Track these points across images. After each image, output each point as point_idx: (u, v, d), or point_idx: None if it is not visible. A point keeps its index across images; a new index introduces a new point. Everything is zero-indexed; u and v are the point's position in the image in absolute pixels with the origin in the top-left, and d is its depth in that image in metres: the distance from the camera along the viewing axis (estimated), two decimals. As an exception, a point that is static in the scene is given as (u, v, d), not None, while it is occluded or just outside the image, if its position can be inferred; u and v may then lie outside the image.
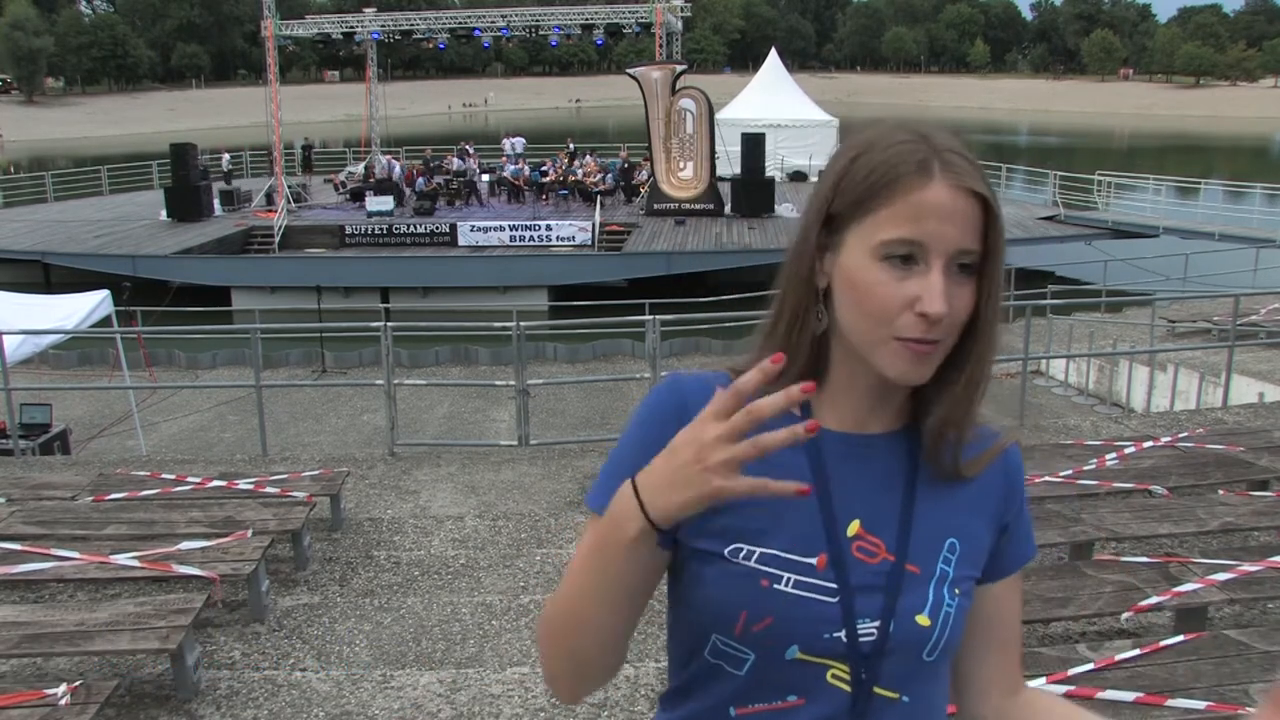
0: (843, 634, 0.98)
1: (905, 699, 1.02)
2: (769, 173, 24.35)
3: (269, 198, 24.94)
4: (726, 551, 0.99)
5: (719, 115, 25.77)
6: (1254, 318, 11.56)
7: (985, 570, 1.09)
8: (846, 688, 1.00)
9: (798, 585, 0.98)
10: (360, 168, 29.09)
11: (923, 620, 1.00)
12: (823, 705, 1.00)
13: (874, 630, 0.99)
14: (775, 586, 0.98)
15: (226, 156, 30.17)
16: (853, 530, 1.01)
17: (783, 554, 0.99)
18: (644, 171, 24.95)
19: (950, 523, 1.05)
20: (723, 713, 1.03)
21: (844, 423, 1.05)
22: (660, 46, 25.18)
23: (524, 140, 31.07)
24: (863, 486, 1.03)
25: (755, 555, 0.99)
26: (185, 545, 4.49)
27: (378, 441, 9.22)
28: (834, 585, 0.99)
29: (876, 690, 1.00)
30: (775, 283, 1.06)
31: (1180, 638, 3.30)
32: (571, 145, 28.55)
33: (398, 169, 27.01)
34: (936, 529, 1.04)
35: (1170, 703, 2.87)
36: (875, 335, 0.97)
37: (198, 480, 5.74)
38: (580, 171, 25.32)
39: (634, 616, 0.99)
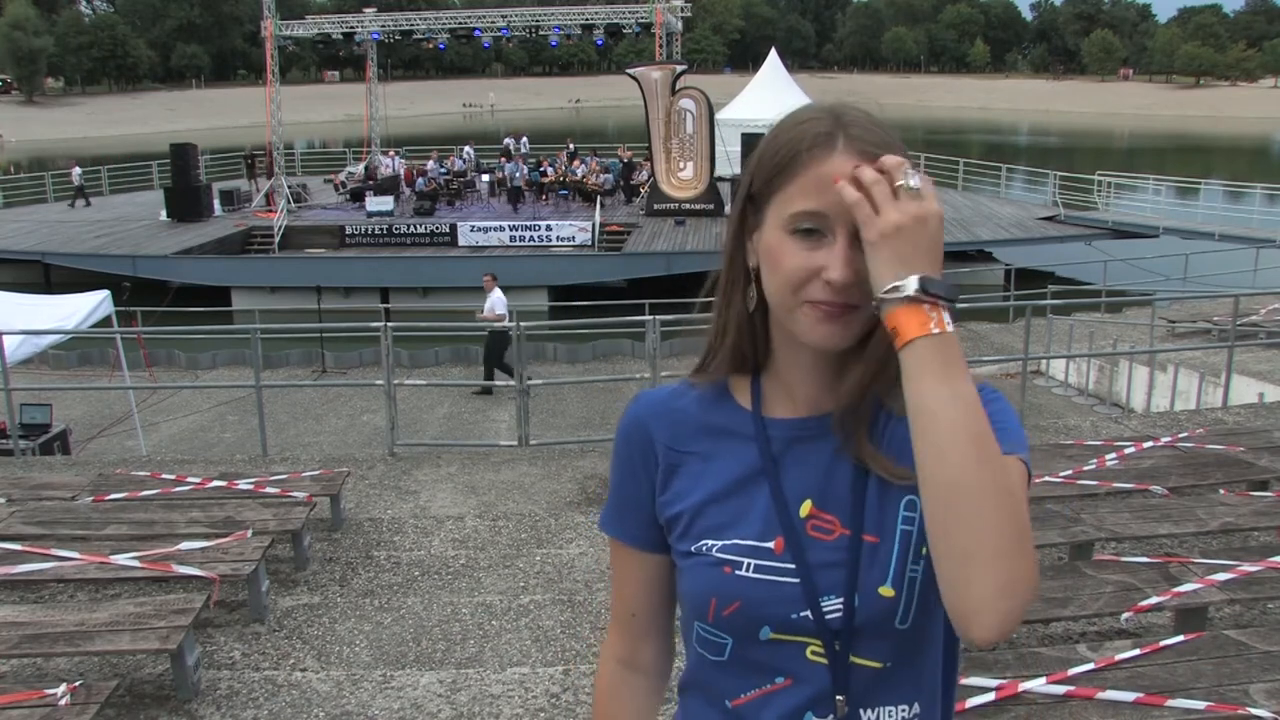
0: (809, 612, 1.02)
1: (889, 664, 1.04)
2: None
3: (269, 198, 24.94)
4: (694, 548, 1.08)
5: (719, 115, 25.75)
6: (1254, 318, 11.56)
7: None
8: (825, 662, 1.04)
9: (758, 569, 1.04)
10: (360, 168, 29.09)
11: (886, 591, 1.01)
12: (809, 683, 1.05)
13: (839, 606, 1.02)
14: (737, 572, 1.05)
15: (77, 170, 27.28)
16: (805, 511, 1.06)
17: (742, 542, 1.06)
18: (644, 171, 24.94)
19: (904, 480, 1.04)
20: (720, 706, 1.10)
21: (794, 408, 1.09)
22: (660, 46, 25.19)
23: (527, 139, 31.04)
24: (813, 467, 1.07)
25: (717, 546, 1.07)
26: (185, 545, 4.49)
27: (378, 442, 9.22)
28: (792, 565, 1.03)
29: (856, 661, 1.03)
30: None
31: (1180, 638, 3.29)
32: (571, 145, 28.55)
33: (398, 164, 27.00)
34: (892, 491, 1.04)
35: (1170, 703, 2.87)
36: (790, 302, 1.00)
37: (198, 480, 5.73)
38: (580, 171, 25.32)
39: None
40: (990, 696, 2.91)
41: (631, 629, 1.20)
